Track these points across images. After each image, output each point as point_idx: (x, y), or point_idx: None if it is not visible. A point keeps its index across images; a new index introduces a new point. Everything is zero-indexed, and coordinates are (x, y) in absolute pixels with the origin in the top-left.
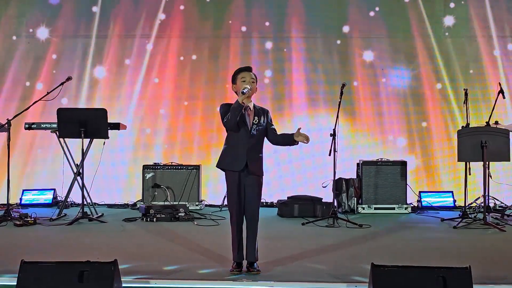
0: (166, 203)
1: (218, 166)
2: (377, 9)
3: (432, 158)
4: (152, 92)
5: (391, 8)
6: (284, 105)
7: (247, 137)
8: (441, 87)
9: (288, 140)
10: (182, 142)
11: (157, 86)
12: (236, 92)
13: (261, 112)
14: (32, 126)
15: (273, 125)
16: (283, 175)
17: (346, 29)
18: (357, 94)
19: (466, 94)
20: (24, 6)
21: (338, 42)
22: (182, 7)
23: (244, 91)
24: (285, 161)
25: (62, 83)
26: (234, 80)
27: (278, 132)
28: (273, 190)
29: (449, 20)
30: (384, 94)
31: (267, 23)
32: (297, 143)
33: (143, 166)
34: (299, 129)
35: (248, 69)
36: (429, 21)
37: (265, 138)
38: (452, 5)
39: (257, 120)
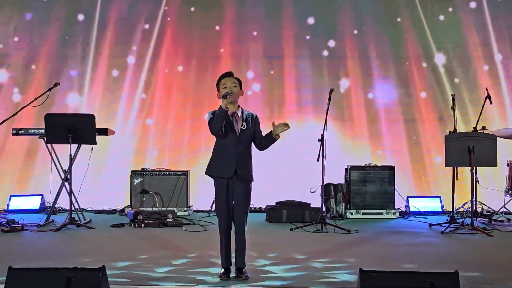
0: (154, 208)
1: (207, 173)
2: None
3: (420, 163)
4: (140, 99)
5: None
6: (273, 111)
7: (235, 143)
8: (426, 94)
9: (270, 138)
10: (170, 147)
11: (146, 91)
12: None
13: (249, 117)
14: (20, 131)
15: (261, 132)
16: (272, 180)
17: (336, 34)
18: (346, 100)
19: (453, 99)
20: (11, 13)
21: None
22: (169, 19)
23: (226, 96)
24: (274, 167)
25: (49, 89)
26: (217, 88)
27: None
28: (261, 195)
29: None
30: (373, 100)
31: (255, 33)
32: (279, 137)
33: (131, 171)
34: (273, 123)
35: (228, 74)
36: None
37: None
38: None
39: (246, 126)
